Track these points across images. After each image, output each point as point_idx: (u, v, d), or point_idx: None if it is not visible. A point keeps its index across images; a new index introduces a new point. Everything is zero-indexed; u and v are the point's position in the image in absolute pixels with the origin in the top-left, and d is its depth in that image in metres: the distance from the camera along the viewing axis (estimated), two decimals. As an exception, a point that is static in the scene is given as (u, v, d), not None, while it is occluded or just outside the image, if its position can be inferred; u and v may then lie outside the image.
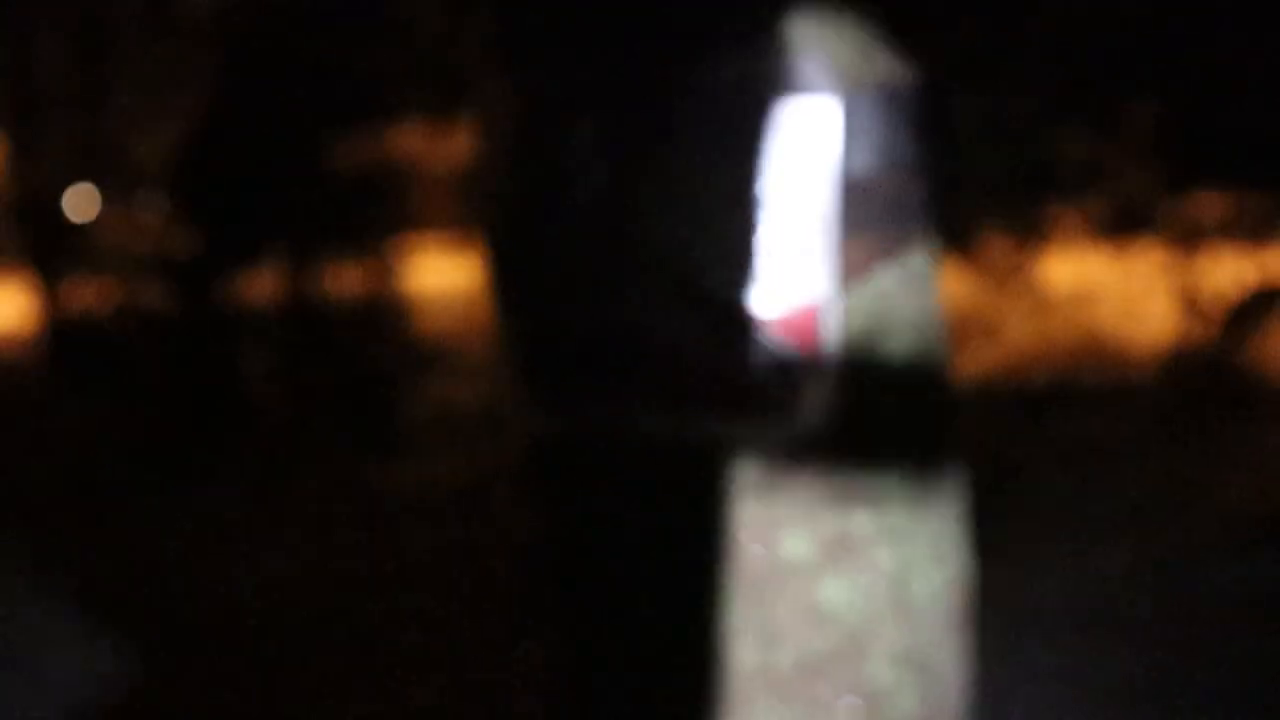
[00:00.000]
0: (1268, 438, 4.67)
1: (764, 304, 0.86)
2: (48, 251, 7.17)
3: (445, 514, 4.09)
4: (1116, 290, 6.27)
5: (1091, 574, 3.37)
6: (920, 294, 0.93)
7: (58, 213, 7.52)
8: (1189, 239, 5.92)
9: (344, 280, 5.68)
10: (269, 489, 4.60)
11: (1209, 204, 5.99)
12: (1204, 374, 5.48)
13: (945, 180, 0.94)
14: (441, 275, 7.34)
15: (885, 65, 0.89)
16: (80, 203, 7.50)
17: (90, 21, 7.25)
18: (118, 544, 3.97)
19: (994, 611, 1.00)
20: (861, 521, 0.90)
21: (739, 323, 0.86)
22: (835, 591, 0.90)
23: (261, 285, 5.66)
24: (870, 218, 0.88)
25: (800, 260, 0.86)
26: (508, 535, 3.56)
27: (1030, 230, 6.17)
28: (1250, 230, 5.77)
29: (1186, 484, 4.22)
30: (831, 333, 0.86)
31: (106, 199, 7.45)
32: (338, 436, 5.09)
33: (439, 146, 6.18)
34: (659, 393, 0.88)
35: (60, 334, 6.65)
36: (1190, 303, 5.81)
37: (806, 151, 0.85)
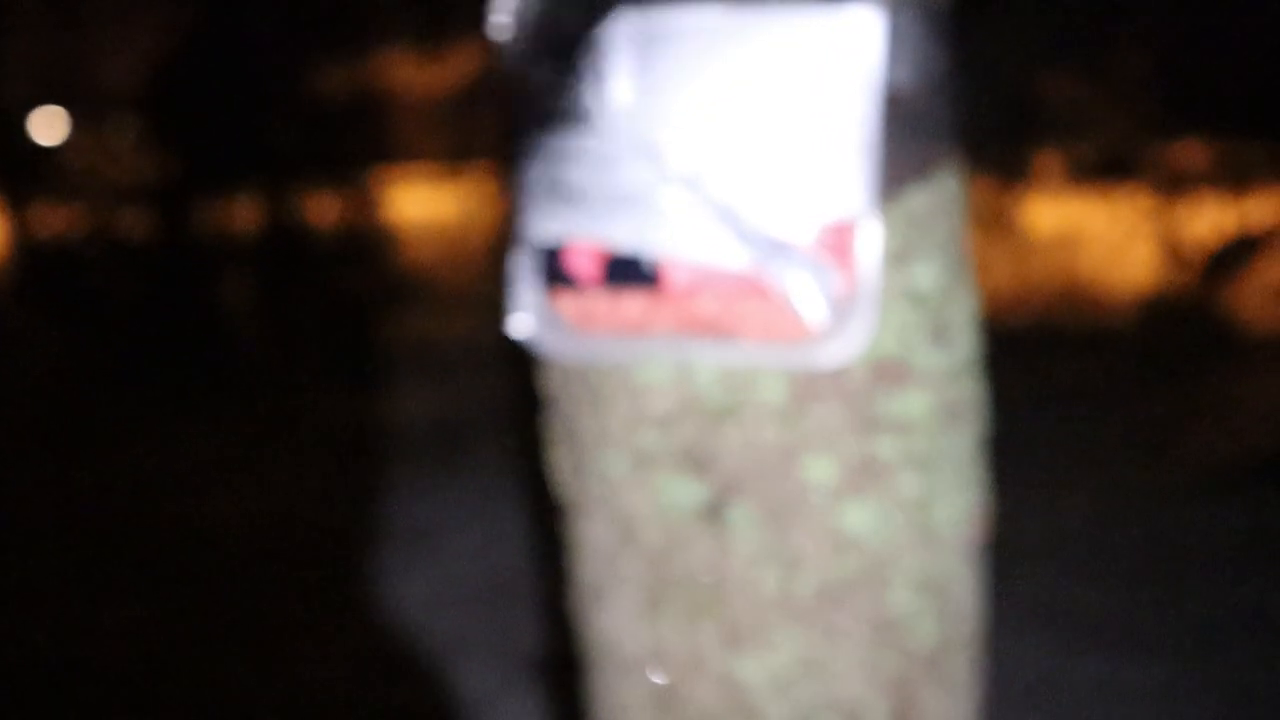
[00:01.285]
0: (1244, 383, 4.71)
1: (800, 223, 0.84)
2: (14, 174, 7.03)
3: (421, 443, 4.07)
4: (1098, 235, 6.29)
5: (1067, 514, 3.40)
6: (949, 215, 0.91)
7: (24, 134, 7.36)
8: (1171, 186, 5.93)
9: (325, 209, 5.61)
10: (245, 417, 4.56)
11: (1192, 152, 5.99)
12: (1182, 320, 5.52)
13: (967, 103, 0.92)
14: (423, 205, 7.26)
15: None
16: (48, 125, 7.35)
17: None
18: (92, 473, 3.93)
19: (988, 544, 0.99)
20: (885, 447, 0.88)
21: (773, 243, 0.84)
22: (858, 517, 0.89)
23: (240, 213, 5.58)
24: (904, 135, 0.85)
25: (838, 178, 0.83)
26: (484, 467, 3.55)
27: (1015, 174, 6.17)
28: (1231, 179, 5.79)
29: (1161, 427, 4.26)
30: (868, 253, 0.84)
31: (76, 122, 7.30)
32: (316, 367, 5.05)
33: (424, 74, 6.08)
34: (689, 314, 0.85)
35: (31, 260, 6.54)
36: (1171, 249, 5.84)
37: (847, 64, 0.82)
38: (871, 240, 0.84)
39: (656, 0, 0.83)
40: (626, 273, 0.85)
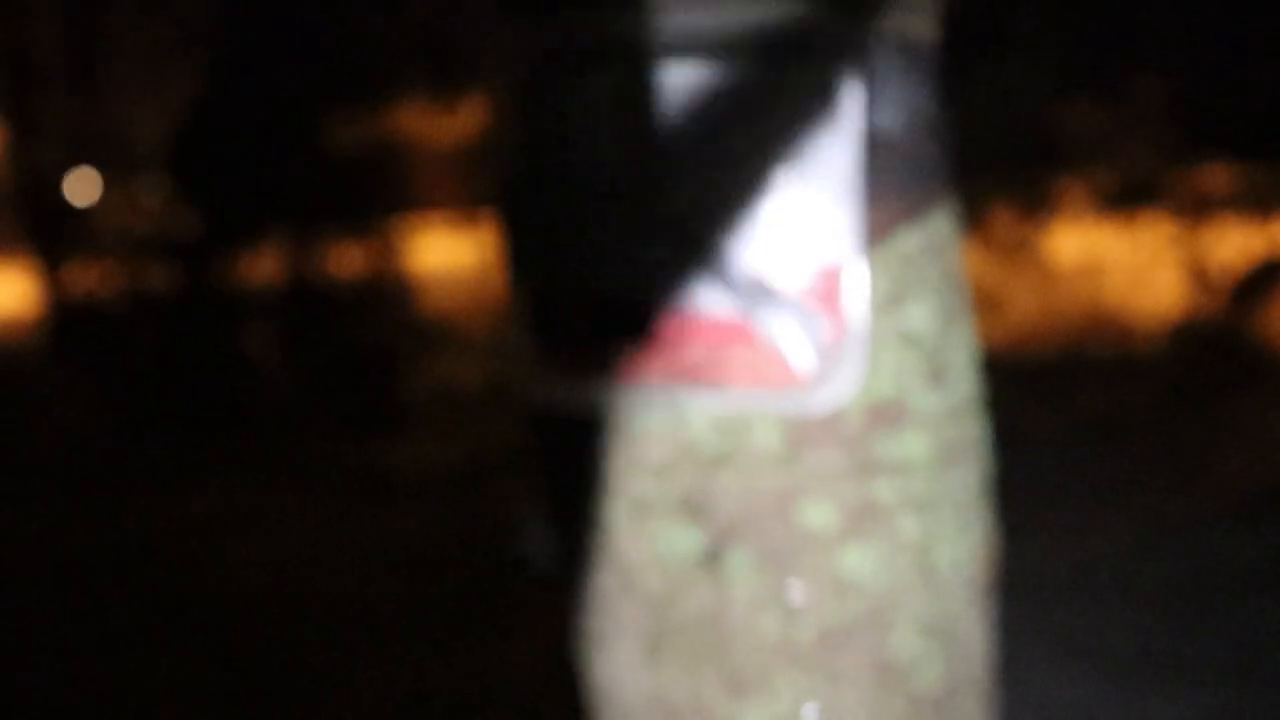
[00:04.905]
0: (1273, 409, 4.66)
1: (787, 269, 0.84)
2: (50, 235, 7.18)
3: (447, 493, 4.08)
4: (1123, 263, 6.25)
5: (1098, 544, 3.36)
6: (943, 256, 0.90)
7: (60, 197, 7.51)
8: (1195, 212, 5.89)
9: (345, 259, 5.67)
10: (269, 465, 4.60)
11: (1215, 177, 5.96)
12: (1210, 346, 5.47)
13: (959, 144, 0.92)
14: (443, 253, 7.32)
15: (909, 22, 0.87)
16: (82, 186, 7.49)
17: (86, 6, 7.21)
18: (121, 525, 3.97)
19: (1000, 581, 0.98)
20: (884, 489, 0.88)
21: (761, 289, 0.84)
22: (858, 561, 0.88)
23: (263, 265, 5.65)
24: (893, 179, 0.86)
25: (824, 224, 0.83)
26: (509, 514, 3.55)
27: (1038, 203, 6.15)
28: (1256, 203, 5.74)
29: (1192, 455, 4.21)
30: (856, 297, 0.84)
31: (108, 182, 7.44)
32: (340, 414, 5.08)
33: (441, 124, 6.15)
34: (678, 362, 0.86)
35: (64, 317, 6.65)
36: (1197, 275, 5.79)
37: (831, 109, 0.83)
38: (860, 285, 0.84)
39: (643, 51, 0.84)
40: (616, 322, 0.86)
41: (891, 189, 0.85)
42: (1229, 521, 3.59)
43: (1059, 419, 4.55)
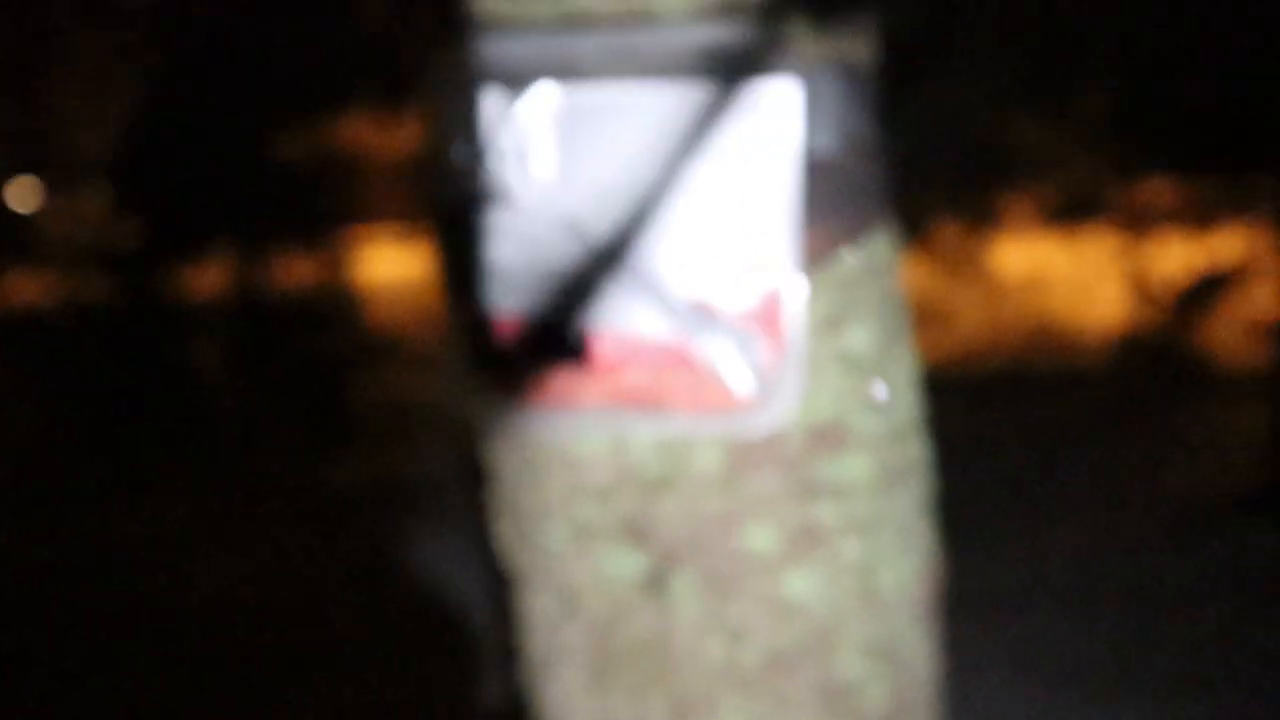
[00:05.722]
0: (1218, 419, 4.73)
1: (726, 292, 0.84)
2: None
3: (396, 509, 4.05)
4: (1068, 276, 6.35)
5: (1048, 557, 3.40)
6: (882, 278, 0.91)
7: (0, 203, 7.37)
8: (1138, 225, 6.00)
9: (294, 271, 5.61)
10: (216, 481, 4.53)
11: (1157, 191, 6.07)
12: (1153, 359, 5.56)
13: (900, 165, 0.93)
14: (391, 266, 7.28)
15: (845, 45, 0.87)
16: (23, 194, 7.36)
17: (29, 11, 7.09)
18: (60, 545, 3.89)
19: (947, 596, 0.99)
20: (826, 512, 0.88)
21: (700, 312, 0.84)
22: (801, 583, 0.88)
23: (210, 277, 5.58)
24: (831, 201, 0.86)
25: (763, 247, 0.84)
26: (459, 530, 3.53)
27: (983, 217, 6.22)
28: (1197, 217, 5.85)
29: (1139, 466, 4.27)
30: (795, 321, 0.84)
31: (49, 190, 7.31)
32: (288, 429, 5.02)
33: (388, 137, 6.12)
34: (617, 387, 0.85)
35: (3, 326, 6.51)
36: (1139, 288, 5.89)
37: (767, 134, 0.83)
38: (799, 307, 0.84)
39: (578, 74, 0.84)
40: (554, 346, 0.85)
41: (829, 211, 0.85)
42: (1177, 532, 3.64)
43: (1005, 432, 4.60)
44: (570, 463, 0.88)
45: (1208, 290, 5.61)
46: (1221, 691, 2.54)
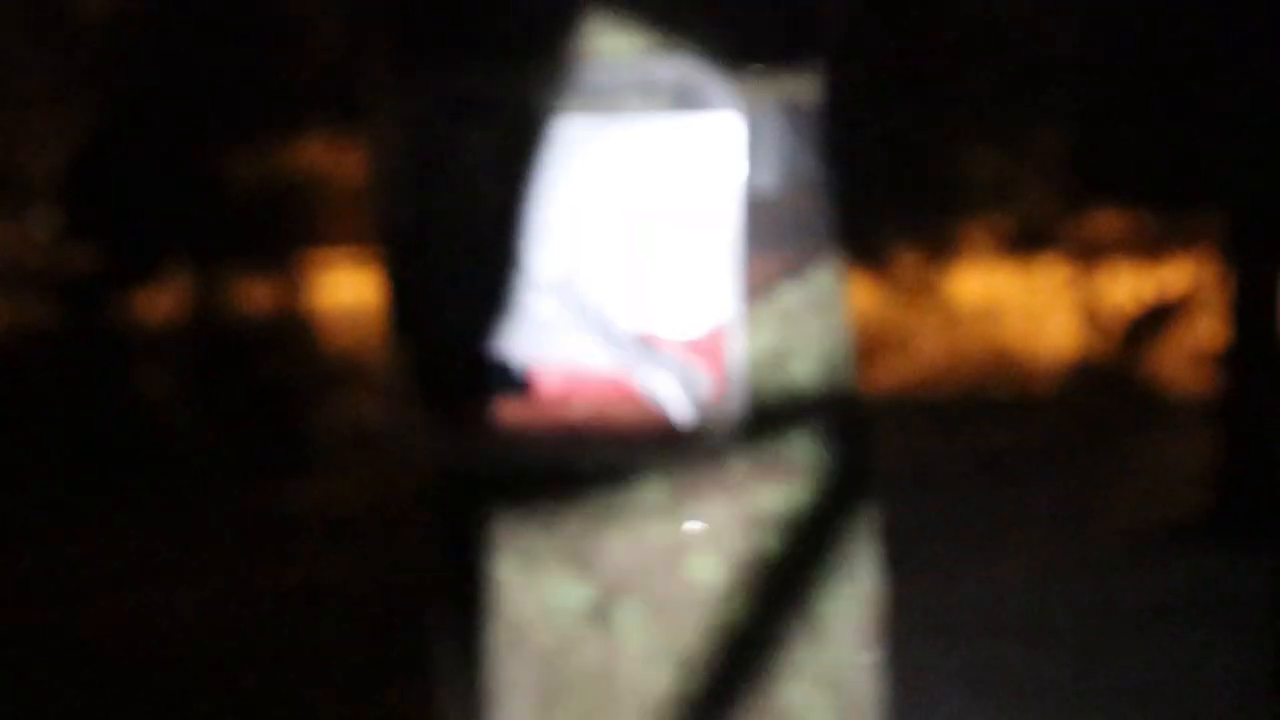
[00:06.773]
0: (1167, 445, 4.80)
1: (668, 325, 0.85)
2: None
3: (353, 536, 4.02)
4: (1021, 305, 6.43)
5: (1001, 582, 3.43)
6: (826, 311, 0.92)
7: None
8: (1090, 256, 6.09)
9: (250, 296, 5.57)
10: (172, 508, 4.48)
11: (1108, 222, 6.17)
12: (1104, 386, 5.64)
13: (849, 198, 0.94)
14: (349, 291, 7.24)
15: (788, 81, 0.89)
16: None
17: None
18: (12, 574, 3.82)
19: (902, 621, 1.00)
20: (770, 541, 0.89)
21: (643, 344, 0.85)
22: (745, 612, 0.89)
23: (164, 302, 5.52)
24: (774, 235, 0.87)
25: (705, 280, 0.85)
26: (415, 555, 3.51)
27: (939, 246, 6.30)
28: (1147, 248, 5.96)
29: (1090, 492, 4.32)
30: (737, 353, 0.86)
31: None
32: (244, 455, 4.97)
33: (345, 161, 6.10)
34: (559, 418, 0.86)
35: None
36: (1091, 317, 5.98)
37: (710, 167, 0.84)
38: (741, 340, 0.85)
39: (525, 107, 0.85)
40: (497, 378, 0.86)
41: (773, 245, 0.87)
42: (1128, 556, 3.68)
43: (959, 458, 4.64)
44: (516, 493, 0.89)
45: (1156, 320, 5.70)
46: (1174, 713, 2.57)
